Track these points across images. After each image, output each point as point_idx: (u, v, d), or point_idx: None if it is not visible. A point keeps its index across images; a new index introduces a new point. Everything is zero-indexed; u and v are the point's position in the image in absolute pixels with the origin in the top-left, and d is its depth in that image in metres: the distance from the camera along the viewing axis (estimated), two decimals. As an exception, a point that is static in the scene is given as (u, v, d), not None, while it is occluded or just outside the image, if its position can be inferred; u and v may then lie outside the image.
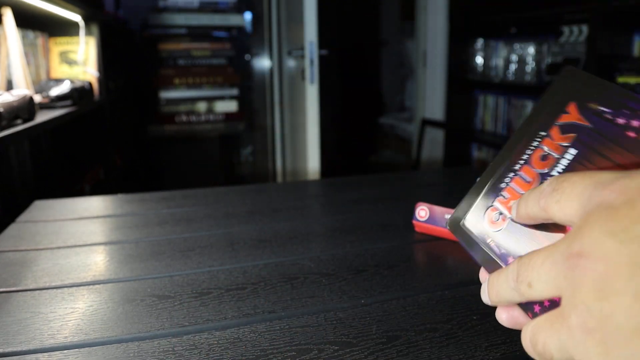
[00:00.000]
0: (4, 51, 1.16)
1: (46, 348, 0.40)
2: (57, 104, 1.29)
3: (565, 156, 0.25)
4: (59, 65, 1.61)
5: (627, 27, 1.78)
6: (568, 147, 0.26)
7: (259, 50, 2.91)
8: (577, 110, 0.26)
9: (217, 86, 2.56)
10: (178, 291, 0.50)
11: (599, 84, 0.26)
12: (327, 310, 0.45)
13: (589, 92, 0.26)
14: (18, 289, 0.50)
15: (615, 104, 0.25)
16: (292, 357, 0.38)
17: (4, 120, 0.88)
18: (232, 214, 0.74)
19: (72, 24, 1.61)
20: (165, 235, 0.66)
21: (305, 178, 2.26)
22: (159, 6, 2.42)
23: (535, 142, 0.27)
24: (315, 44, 2.08)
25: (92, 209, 0.79)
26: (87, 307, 0.47)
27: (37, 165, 1.38)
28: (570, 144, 0.26)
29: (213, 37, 2.56)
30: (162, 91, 2.49)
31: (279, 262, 0.56)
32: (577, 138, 0.25)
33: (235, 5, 2.52)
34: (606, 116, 0.25)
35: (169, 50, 2.48)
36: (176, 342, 0.41)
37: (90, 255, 0.60)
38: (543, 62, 2.28)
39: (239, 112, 2.62)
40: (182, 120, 2.51)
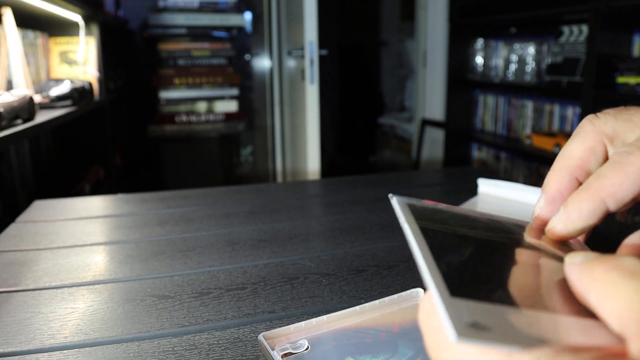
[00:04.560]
0: (4, 51, 1.16)
1: (46, 348, 0.40)
2: (57, 104, 1.29)
3: None
4: (59, 65, 1.61)
5: (627, 27, 1.78)
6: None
7: (259, 50, 2.91)
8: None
9: (217, 86, 2.56)
10: (178, 291, 0.50)
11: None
12: (327, 310, 0.45)
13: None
14: (18, 289, 0.50)
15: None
16: (292, 357, 0.38)
17: (4, 120, 0.88)
18: (232, 214, 0.74)
19: (72, 24, 1.61)
20: (165, 235, 0.66)
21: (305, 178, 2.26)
22: (159, 6, 2.42)
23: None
24: (315, 44, 2.08)
25: (92, 209, 0.79)
26: (87, 307, 0.47)
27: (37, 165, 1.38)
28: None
29: (213, 37, 2.56)
30: (162, 91, 2.49)
31: (279, 262, 0.56)
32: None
33: (235, 5, 2.52)
34: None
35: (169, 50, 2.48)
36: (176, 342, 0.41)
37: (90, 255, 0.60)
38: (543, 62, 2.28)
39: (238, 112, 2.62)
40: (182, 120, 2.51)
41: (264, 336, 0.37)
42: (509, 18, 2.25)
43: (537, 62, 2.33)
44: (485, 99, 2.69)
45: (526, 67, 2.38)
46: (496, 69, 2.60)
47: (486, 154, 2.73)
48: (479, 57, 2.70)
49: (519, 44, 2.42)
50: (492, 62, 2.62)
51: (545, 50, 2.26)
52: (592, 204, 0.23)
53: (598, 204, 0.23)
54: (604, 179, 0.22)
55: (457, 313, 0.17)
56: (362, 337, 0.38)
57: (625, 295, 0.17)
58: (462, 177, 0.99)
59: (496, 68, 2.60)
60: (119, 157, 2.14)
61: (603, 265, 0.18)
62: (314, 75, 2.11)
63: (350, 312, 0.41)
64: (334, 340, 0.38)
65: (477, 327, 0.16)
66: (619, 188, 0.22)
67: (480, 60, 2.70)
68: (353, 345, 0.37)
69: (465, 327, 0.16)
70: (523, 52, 2.40)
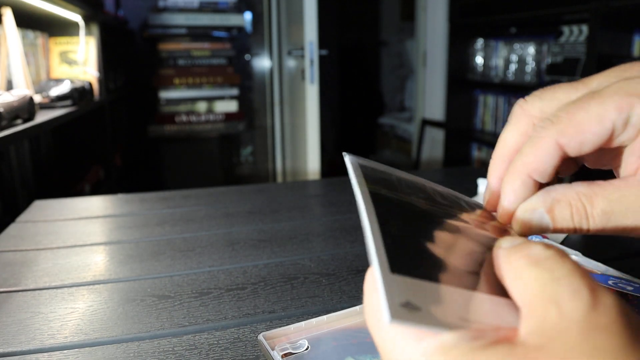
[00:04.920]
0: (4, 51, 1.16)
1: (46, 348, 0.40)
2: (57, 104, 1.29)
3: None
4: (59, 65, 1.61)
5: (627, 27, 1.78)
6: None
7: (259, 50, 2.91)
8: None
9: (217, 86, 2.56)
10: (178, 291, 0.50)
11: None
12: (327, 310, 0.45)
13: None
14: (18, 289, 0.50)
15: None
16: (292, 357, 0.38)
17: (4, 120, 0.88)
18: (232, 214, 0.74)
19: (72, 24, 1.61)
20: (165, 235, 0.66)
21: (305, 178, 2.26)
22: (159, 6, 2.42)
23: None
24: (315, 44, 2.08)
25: (92, 209, 0.79)
26: (87, 307, 0.47)
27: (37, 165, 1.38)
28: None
29: (213, 37, 2.56)
30: (162, 91, 2.49)
31: (279, 262, 0.56)
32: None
33: (235, 5, 2.52)
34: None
35: (169, 50, 2.48)
36: (176, 342, 0.41)
37: (90, 255, 0.60)
38: (543, 62, 2.28)
39: (238, 112, 2.62)
40: (182, 120, 2.51)
41: (264, 336, 0.37)
42: (509, 18, 2.25)
43: (537, 62, 2.33)
44: (485, 99, 2.69)
45: (526, 67, 2.38)
46: (496, 69, 2.60)
47: (486, 154, 2.73)
48: (479, 57, 2.70)
49: (519, 44, 2.42)
50: (492, 62, 2.62)
51: (545, 50, 2.26)
52: (521, 182, 0.24)
53: (526, 180, 0.24)
54: (524, 156, 0.24)
55: (393, 292, 0.17)
56: (362, 337, 0.38)
57: (525, 281, 0.18)
58: (462, 177, 0.99)
59: (496, 68, 2.60)
60: (119, 157, 2.14)
61: (517, 253, 0.19)
62: (314, 75, 2.11)
63: (350, 312, 0.41)
64: (334, 340, 0.38)
65: (409, 307, 0.17)
66: (539, 162, 0.24)
67: (480, 60, 2.70)
68: (353, 345, 0.37)
69: (399, 307, 0.17)
70: (523, 52, 2.40)
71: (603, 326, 0.16)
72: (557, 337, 0.16)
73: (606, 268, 0.45)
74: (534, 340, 0.17)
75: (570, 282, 0.17)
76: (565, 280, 0.17)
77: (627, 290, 0.40)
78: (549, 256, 0.19)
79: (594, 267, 0.46)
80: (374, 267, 0.18)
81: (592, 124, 0.23)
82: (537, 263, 0.19)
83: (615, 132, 0.23)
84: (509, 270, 0.20)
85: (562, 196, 0.24)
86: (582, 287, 0.17)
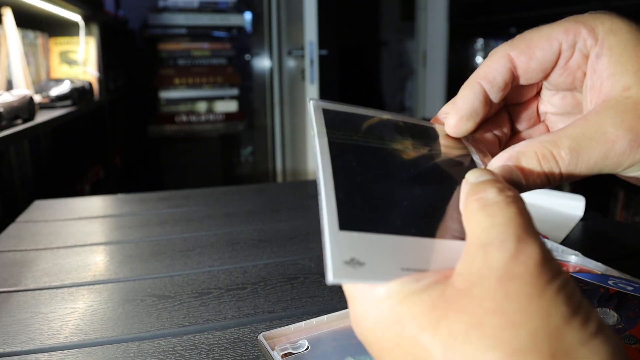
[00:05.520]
0: (4, 51, 1.16)
1: (46, 348, 0.40)
2: (57, 104, 1.29)
3: None
4: (59, 65, 1.61)
5: (627, 27, 1.78)
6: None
7: (259, 50, 2.91)
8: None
9: (217, 86, 2.56)
10: (178, 291, 0.50)
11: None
12: (327, 310, 0.45)
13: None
14: (18, 289, 0.50)
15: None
16: (292, 357, 0.38)
17: (4, 120, 0.88)
18: (232, 214, 0.74)
19: (72, 24, 1.61)
20: (165, 235, 0.66)
21: (305, 178, 2.26)
22: (159, 6, 2.41)
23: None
24: (315, 44, 2.08)
25: (92, 209, 0.79)
26: (87, 307, 0.47)
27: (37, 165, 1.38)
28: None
29: (213, 37, 2.56)
30: (162, 91, 2.49)
31: (279, 262, 0.56)
32: None
33: (235, 5, 2.52)
34: None
35: (169, 50, 2.48)
36: (176, 342, 0.41)
37: (90, 255, 0.60)
38: (543, 62, 2.28)
39: (239, 112, 2.62)
40: (182, 120, 2.51)
41: (264, 336, 0.37)
42: (509, 18, 2.25)
43: (537, 62, 2.33)
44: (485, 99, 2.69)
45: (526, 67, 2.38)
46: (496, 69, 2.60)
47: (486, 154, 2.73)
48: (479, 57, 2.70)
49: (519, 44, 2.42)
50: (492, 62, 2.62)
51: (545, 50, 2.26)
52: (470, 89, 0.26)
53: (475, 87, 0.26)
54: (478, 68, 0.26)
55: (339, 250, 0.18)
56: None
57: (472, 224, 0.19)
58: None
59: (496, 68, 2.59)
60: (119, 157, 2.14)
61: (473, 195, 0.20)
62: (314, 75, 2.11)
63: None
64: (334, 340, 0.38)
65: (352, 263, 0.18)
66: (488, 70, 0.25)
67: (480, 60, 2.69)
68: (353, 345, 0.37)
69: (342, 264, 0.18)
70: (523, 52, 2.40)
71: (518, 275, 0.17)
72: (478, 282, 0.17)
73: (606, 268, 0.45)
74: (459, 283, 0.18)
75: (503, 230, 0.18)
76: (500, 229, 0.18)
77: (627, 290, 0.40)
78: (497, 202, 0.19)
79: (594, 267, 0.46)
80: (323, 226, 0.19)
81: (540, 40, 0.25)
82: (484, 207, 0.19)
83: (562, 54, 0.25)
84: (465, 210, 0.21)
85: (525, 147, 0.24)
86: (510, 236, 0.18)
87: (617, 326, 0.36)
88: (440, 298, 0.18)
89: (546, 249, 0.18)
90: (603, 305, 0.39)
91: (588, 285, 0.42)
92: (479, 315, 0.17)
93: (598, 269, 0.45)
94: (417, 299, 0.18)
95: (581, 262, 0.47)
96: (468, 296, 0.17)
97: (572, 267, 0.46)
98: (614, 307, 0.38)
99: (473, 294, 0.17)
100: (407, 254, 0.19)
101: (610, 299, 0.39)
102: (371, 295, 0.19)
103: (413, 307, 0.18)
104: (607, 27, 0.24)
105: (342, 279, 0.18)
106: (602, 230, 0.65)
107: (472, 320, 0.17)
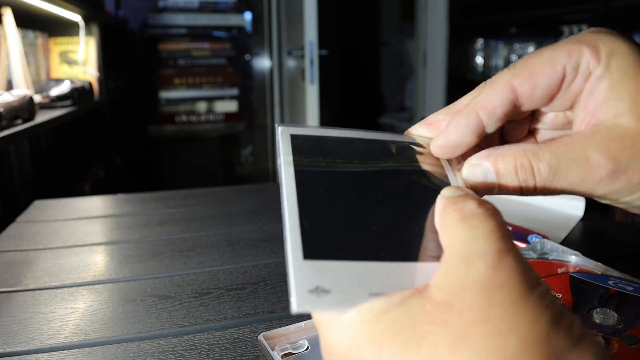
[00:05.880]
0: (4, 51, 1.16)
1: (46, 348, 0.40)
2: (57, 104, 1.29)
3: None
4: (59, 65, 1.61)
5: (627, 27, 1.78)
6: None
7: (259, 50, 2.91)
8: None
9: (217, 86, 2.56)
10: (178, 291, 0.50)
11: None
12: (327, 310, 0.45)
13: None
14: (18, 289, 0.50)
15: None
16: (292, 357, 0.38)
17: (4, 120, 0.88)
18: (232, 214, 0.74)
19: (72, 24, 1.61)
20: (165, 235, 0.66)
21: (305, 178, 2.25)
22: (159, 6, 2.42)
23: None
24: (315, 44, 2.08)
25: (92, 209, 0.79)
26: (87, 307, 0.47)
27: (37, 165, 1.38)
28: None
29: (213, 37, 2.56)
30: (162, 91, 2.49)
31: (279, 262, 0.56)
32: None
33: (235, 5, 2.52)
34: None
35: (169, 50, 2.48)
36: (176, 342, 0.41)
37: (90, 255, 0.60)
38: (543, 62, 2.27)
39: (238, 112, 2.62)
40: (182, 120, 2.51)
41: (264, 336, 0.37)
42: (509, 18, 2.25)
43: (537, 62, 2.32)
44: (485, 99, 2.69)
45: (526, 67, 2.38)
46: (496, 69, 2.60)
47: (486, 154, 2.73)
48: (479, 57, 2.70)
49: (519, 44, 2.42)
50: (492, 62, 2.62)
51: (545, 50, 2.26)
52: (466, 118, 0.24)
53: (472, 117, 0.24)
54: (478, 96, 0.25)
55: (302, 279, 0.18)
56: None
57: (451, 236, 0.19)
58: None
59: (496, 68, 2.59)
60: (119, 157, 2.14)
61: (451, 206, 0.20)
62: (314, 75, 2.11)
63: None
64: None
65: (317, 291, 0.18)
66: (488, 101, 0.24)
67: (480, 60, 2.70)
68: None
69: (307, 293, 0.17)
70: (523, 52, 2.40)
71: (501, 284, 0.17)
72: (460, 294, 0.17)
73: (606, 268, 0.45)
74: (439, 296, 0.18)
75: (484, 242, 0.18)
76: (480, 241, 0.18)
77: (627, 290, 0.40)
78: (477, 214, 0.19)
79: (594, 267, 0.46)
80: (287, 255, 0.18)
81: (544, 66, 0.23)
82: (464, 219, 0.19)
83: (566, 77, 0.24)
84: (441, 223, 0.20)
85: (507, 150, 0.24)
86: (490, 249, 0.18)
87: (617, 326, 0.36)
88: (421, 313, 0.17)
89: (525, 260, 0.18)
90: (603, 305, 0.39)
91: (588, 285, 0.42)
92: (463, 326, 0.16)
93: (598, 269, 0.45)
94: (393, 316, 0.18)
95: (581, 262, 0.47)
96: (450, 308, 0.17)
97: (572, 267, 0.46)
98: (614, 307, 0.38)
99: (455, 306, 0.17)
100: (375, 279, 0.19)
101: (610, 299, 0.39)
102: (338, 320, 0.18)
103: (390, 325, 0.17)
104: (609, 49, 0.23)
105: (307, 308, 0.17)
106: (602, 230, 0.65)
107: (457, 332, 0.16)
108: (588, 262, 0.47)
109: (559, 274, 0.45)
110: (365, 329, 0.18)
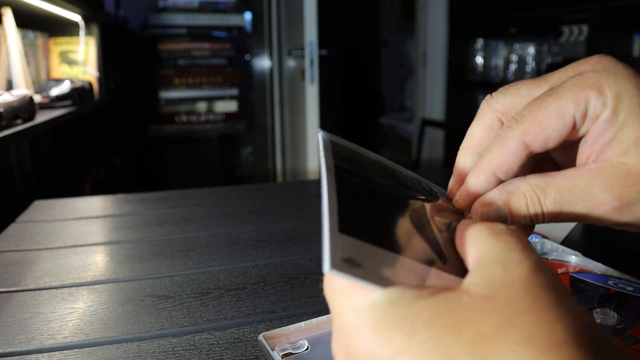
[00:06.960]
0: (4, 51, 1.16)
1: (46, 348, 0.40)
2: (57, 104, 1.29)
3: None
4: (59, 65, 1.61)
5: (627, 27, 1.78)
6: None
7: (259, 50, 2.91)
8: None
9: (217, 86, 2.56)
10: (178, 291, 0.50)
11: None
12: (327, 310, 0.45)
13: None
14: (18, 289, 0.50)
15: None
16: (292, 357, 0.38)
17: (4, 120, 0.88)
18: (232, 214, 0.74)
19: (72, 24, 1.61)
20: (165, 235, 0.66)
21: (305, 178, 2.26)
22: (159, 6, 2.41)
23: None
24: (315, 44, 2.08)
25: (92, 209, 0.79)
26: (87, 307, 0.47)
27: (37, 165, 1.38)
28: None
29: (213, 37, 2.56)
30: (162, 91, 2.49)
31: (279, 262, 0.56)
32: None
33: (235, 5, 2.52)
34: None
35: (169, 50, 2.48)
36: (176, 342, 0.41)
37: (90, 255, 0.60)
38: (543, 62, 2.28)
39: (238, 112, 2.62)
40: (182, 120, 2.51)
41: (264, 336, 0.37)
42: (509, 18, 2.25)
43: (537, 62, 2.33)
44: (485, 99, 2.69)
45: (526, 67, 2.38)
46: (496, 69, 2.60)
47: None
48: (479, 57, 2.70)
49: (519, 44, 2.42)
50: (492, 62, 2.62)
51: (545, 50, 2.26)
52: (485, 178, 0.26)
53: (489, 177, 0.26)
54: (490, 154, 0.26)
55: (337, 247, 0.18)
56: None
57: (482, 247, 0.20)
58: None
59: (496, 68, 2.60)
60: (119, 157, 2.14)
61: (481, 224, 0.21)
62: (314, 75, 2.11)
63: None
64: None
65: (350, 262, 0.18)
66: (503, 161, 0.25)
67: (480, 60, 2.70)
68: None
69: (340, 260, 0.18)
70: (523, 52, 2.40)
71: (543, 284, 0.18)
72: (503, 289, 0.18)
73: (606, 268, 0.45)
74: (478, 290, 0.18)
75: (520, 253, 0.19)
76: (516, 252, 0.19)
77: (627, 290, 0.40)
78: (509, 232, 0.21)
79: (594, 267, 0.46)
80: (323, 227, 0.19)
81: (553, 120, 0.24)
82: (496, 234, 0.20)
83: (577, 125, 0.24)
84: (470, 236, 0.21)
85: (516, 189, 0.25)
86: (526, 259, 0.19)
87: (617, 326, 0.36)
88: (458, 303, 0.18)
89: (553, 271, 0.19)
90: (603, 306, 0.39)
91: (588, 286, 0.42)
92: (510, 314, 0.17)
93: (598, 269, 0.45)
94: (428, 303, 0.18)
95: (581, 262, 0.47)
96: (493, 299, 0.18)
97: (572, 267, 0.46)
98: (614, 307, 0.38)
99: (499, 298, 0.18)
100: (403, 271, 0.19)
101: (610, 299, 0.39)
102: (366, 299, 0.18)
103: (425, 310, 0.18)
104: (615, 92, 0.24)
105: (340, 273, 0.17)
106: (602, 230, 0.65)
107: (503, 318, 0.17)
108: (588, 262, 0.47)
109: (559, 274, 0.45)
110: (396, 312, 0.18)
